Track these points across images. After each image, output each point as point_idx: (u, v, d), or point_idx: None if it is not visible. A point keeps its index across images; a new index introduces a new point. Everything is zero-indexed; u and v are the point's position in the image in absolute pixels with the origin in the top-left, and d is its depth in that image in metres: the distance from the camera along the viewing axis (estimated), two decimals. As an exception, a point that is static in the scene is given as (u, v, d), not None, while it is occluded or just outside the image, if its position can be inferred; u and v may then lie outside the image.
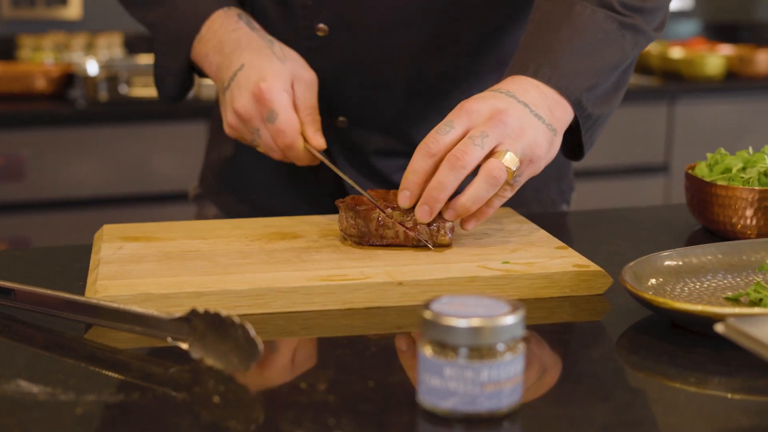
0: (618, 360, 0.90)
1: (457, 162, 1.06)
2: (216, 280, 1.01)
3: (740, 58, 3.42)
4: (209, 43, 1.30)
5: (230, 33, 1.28)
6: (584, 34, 1.21)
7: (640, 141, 3.26)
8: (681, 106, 3.29)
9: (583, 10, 1.22)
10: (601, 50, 1.22)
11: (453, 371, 0.74)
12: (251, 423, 0.76)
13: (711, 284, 1.02)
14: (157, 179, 2.96)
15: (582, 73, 1.18)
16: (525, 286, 1.04)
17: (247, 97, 1.23)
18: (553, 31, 1.20)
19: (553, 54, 1.18)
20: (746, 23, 4.04)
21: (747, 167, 1.24)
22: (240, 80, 1.24)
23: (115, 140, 2.93)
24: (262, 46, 1.27)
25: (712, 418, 0.77)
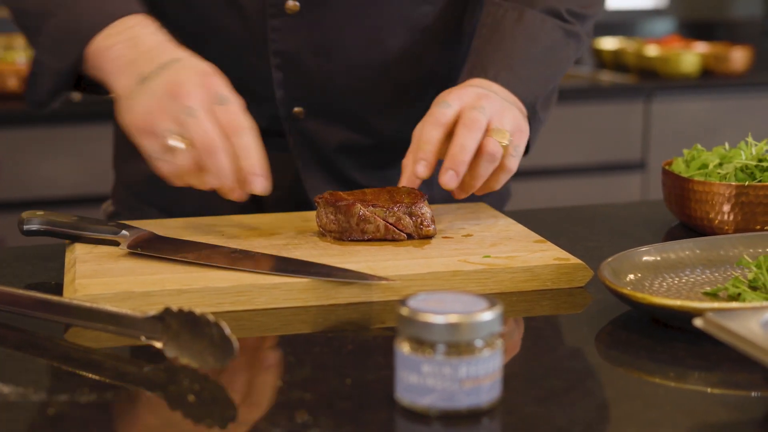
0: (598, 355, 0.90)
1: (474, 124, 1.12)
2: (198, 277, 1.00)
3: (715, 55, 3.43)
4: (119, 36, 1.13)
5: (149, 35, 1.13)
6: (536, 42, 1.27)
7: (617, 138, 3.27)
8: (657, 103, 3.29)
9: (534, 18, 1.27)
10: (550, 58, 1.28)
11: (431, 368, 0.73)
12: (226, 422, 0.75)
13: (689, 279, 1.02)
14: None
15: (536, 80, 1.25)
16: (506, 279, 1.04)
17: (192, 78, 1.06)
18: (509, 38, 1.25)
19: (510, 60, 1.23)
20: (721, 21, 4.05)
21: (724, 163, 1.24)
22: (177, 66, 1.08)
23: (89, 139, 2.91)
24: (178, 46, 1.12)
25: (691, 413, 0.77)
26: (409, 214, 1.11)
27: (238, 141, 1.05)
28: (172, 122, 1.04)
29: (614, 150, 3.27)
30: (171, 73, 1.07)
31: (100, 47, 1.13)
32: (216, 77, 1.08)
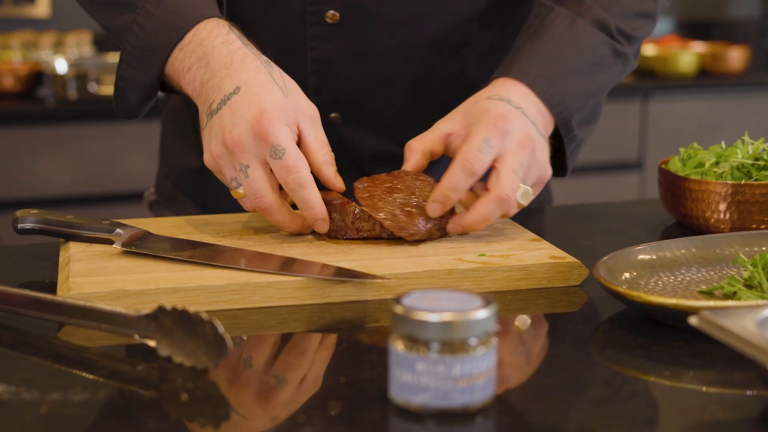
0: (593, 353, 0.89)
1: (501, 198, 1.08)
2: (192, 275, 1.00)
3: (713, 55, 3.43)
4: (193, 54, 1.12)
5: (220, 45, 1.11)
6: (583, 56, 1.21)
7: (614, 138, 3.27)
8: (654, 103, 3.29)
9: (585, 30, 1.22)
10: (594, 74, 1.22)
11: (425, 366, 0.73)
12: (219, 420, 0.74)
13: (685, 278, 1.02)
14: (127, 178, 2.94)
15: (574, 95, 1.19)
16: (502, 278, 1.03)
17: (245, 128, 1.04)
18: (554, 45, 1.20)
19: (552, 69, 1.17)
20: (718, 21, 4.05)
21: (720, 161, 1.24)
22: (234, 107, 1.06)
23: (85, 139, 2.90)
24: (260, 67, 1.09)
25: (686, 411, 0.76)
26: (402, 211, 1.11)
27: (297, 196, 1.07)
28: (234, 173, 1.07)
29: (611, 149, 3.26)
30: (228, 118, 1.06)
31: (176, 69, 1.14)
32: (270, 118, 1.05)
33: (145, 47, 1.15)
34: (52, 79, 3.00)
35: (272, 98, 1.06)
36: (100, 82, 3.02)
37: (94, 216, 1.15)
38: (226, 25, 1.14)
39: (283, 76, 1.10)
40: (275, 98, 1.06)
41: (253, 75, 1.08)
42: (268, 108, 1.05)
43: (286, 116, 1.06)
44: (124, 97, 1.20)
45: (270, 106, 1.05)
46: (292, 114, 1.07)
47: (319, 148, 1.10)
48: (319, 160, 1.10)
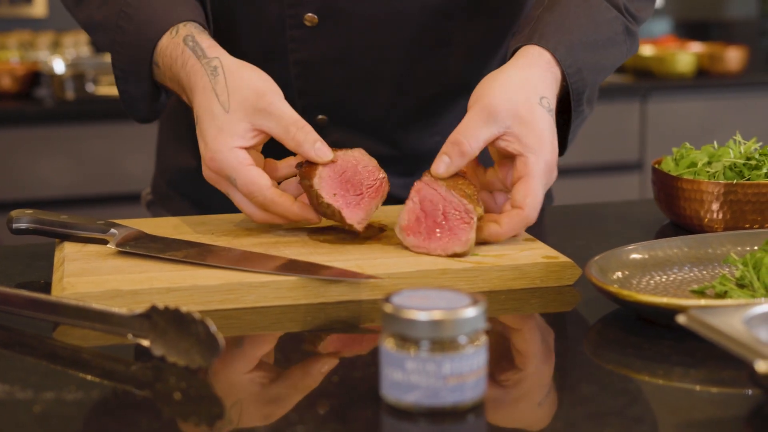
0: (584, 352, 0.90)
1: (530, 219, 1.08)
2: (186, 275, 1.00)
3: (711, 55, 3.44)
4: (168, 79, 1.19)
5: (180, 69, 1.15)
6: (598, 29, 1.20)
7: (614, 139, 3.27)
8: (653, 103, 3.30)
9: (599, 5, 1.21)
10: (608, 49, 1.22)
11: (415, 365, 0.73)
12: (213, 419, 0.75)
13: (677, 277, 1.02)
14: (125, 178, 2.94)
15: (590, 68, 1.18)
16: (495, 277, 1.04)
17: (205, 168, 1.11)
18: (572, 16, 1.18)
19: (572, 38, 1.16)
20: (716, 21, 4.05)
21: (712, 161, 1.24)
22: (198, 140, 1.12)
23: (83, 139, 2.91)
24: (205, 87, 1.11)
25: (676, 410, 0.77)
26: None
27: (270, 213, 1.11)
28: None
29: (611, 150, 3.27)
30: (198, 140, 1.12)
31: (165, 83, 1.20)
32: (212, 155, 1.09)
33: (128, 62, 1.20)
34: (49, 79, 3.00)
35: (212, 128, 1.09)
36: (98, 83, 3.03)
37: (91, 216, 1.15)
38: (181, 40, 1.16)
39: (228, 81, 1.11)
40: (215, 126, 1.09)
41: (200, 99, 1.11)
42: (209, 144, 1.09)
43: (231, 137, 1.08)
44: (132, 106, 1.25)
45: (210, 141, 1.09)
46: (238, 126, 1.09)
47: (285, 134, 1.09)
48: (291, 145, 1.10)
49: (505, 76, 1.11)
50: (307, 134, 1.09)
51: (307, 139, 1.09)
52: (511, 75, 1.11)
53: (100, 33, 1.24)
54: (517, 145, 1.08)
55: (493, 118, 1.08)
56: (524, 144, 1.08)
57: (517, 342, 0.93)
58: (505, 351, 0.90)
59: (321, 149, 1.09)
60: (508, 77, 1.11)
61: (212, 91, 1.10)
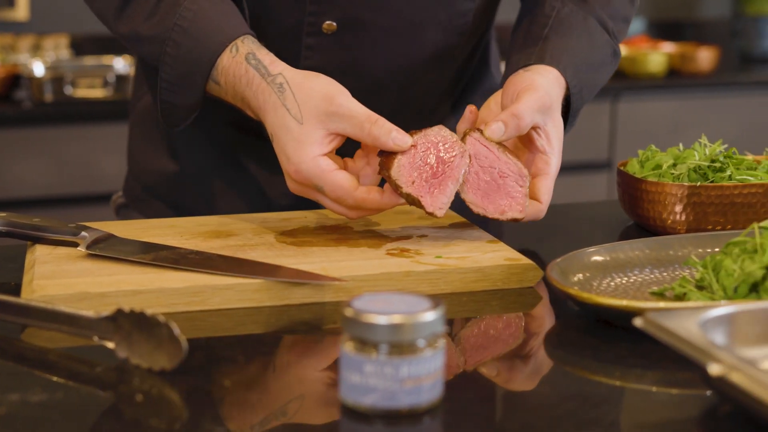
0: (543, 354, 0.91)
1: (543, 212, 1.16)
2: (153, 278, 1.01)
3: (682, 55, 3.46)
4: (231, 97, 1.20)
5: (246, 88, 1.16)
6: (595, 51, 1.28)
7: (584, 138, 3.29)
8: (624, 103, 3.32)
9: (595, 27, 1.29)
10: (601, 70, 1.30)
11: (373, 368, 0.74)
12: (173, 421, 0.76)
13: (638, 279, 1.04)
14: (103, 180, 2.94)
15: (589, 86, 1.27)
16: (457, 280, 1.05)
17: (291, 182, 1.14)
18: (575, 38, 1.26)
19: (576, 59, 1.24)
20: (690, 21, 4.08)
21: (677, 163, 1.26)
22: (278, 157, 1.14)
23: (61, 141, 2.91)
24: (276, 105, 1.13)
25: (630, 412, 0.78)
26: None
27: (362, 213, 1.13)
28: None
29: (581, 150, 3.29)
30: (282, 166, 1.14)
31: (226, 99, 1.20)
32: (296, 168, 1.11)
33: (180, 75, 1.20)
34: (29, 81, 3.00)
35: (291, 143, 1.11)
36: (76, 85, 3.03)
37: (68, 217, 1.16)
38: (243, 58, 1.17)
39: (296, 94, 1.13)
40: (294, 140, 1.11)
41: (272, 118, 1.14)
42: (290, 156, 1.11)
43: (308, 150, 1.11)
44: (170, 115, 1.25)
45: (291, 154, 1.11)
46: (315, 134, 1.11)
47: (361, 132, 1.11)
48: (368, 141, 1.11)
49: (548, 81, 1.19)
50: (382, 127, 1.10)
51: (382, 132, 1.10)
52: (547, 84, 1.19)
53: (146, 45, 1.23)
54: (545, 142, 1.17)
55: (545, 109, 1.16)
56: (551, 144, 1.17)
57: (476, 344, 0.95)
58: (464, 353, 0.91)
59: (398, 138, 1.11)
60: (553, 84, 1.20)
61: (283, 107, 1.13)
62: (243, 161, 1.41)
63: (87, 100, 2.99)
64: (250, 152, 1.40)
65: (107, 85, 2.97)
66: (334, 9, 1.29)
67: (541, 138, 1.16)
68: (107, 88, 2.97)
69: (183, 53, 1.19)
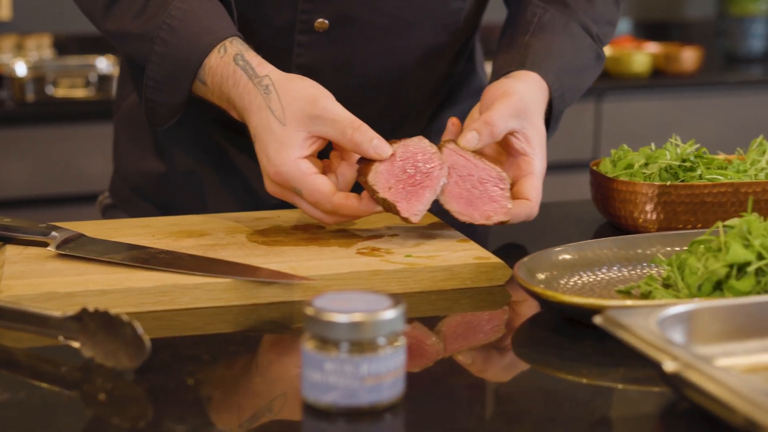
0: (507, 352, 0.92)
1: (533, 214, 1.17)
2: (122, 277, 1.01)
3: (666, 55, 3.47)
4: (217, 97, 1.20)
5: (232, 89, 1.17)
6: (578, 55, 1.30)
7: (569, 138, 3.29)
8: (608, 103, 3.33)
9: (577, 32, 1.31)
10: (584, 73, 1.32)
11: (333, 366, 0.75)
12: (135, 420, 0.76)
13: (605, 278, 1.04)
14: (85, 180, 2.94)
15: (571, 90, 1.29)
16: (426, 278, 1.05)
17: (269, 183, 1.14)
18: (556, 43, 1.28)
19: (557, 63, 1.26)
20: (675, 21, 4.09)
21: (649, 163, 1.26)
22: (259, 159, 1.15)
23: (43, 141, 2.90)
24: (261, 106, 1.13)
25: (590, 408, 0.78)
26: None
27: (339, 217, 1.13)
28: None
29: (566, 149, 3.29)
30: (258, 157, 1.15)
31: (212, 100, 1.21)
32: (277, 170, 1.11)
33: (167, 74, 1.21)
34: (10, 81, 2.99)
35: (273, 145, 1.12)
36: (57, 85, 3.03)
37: (49, 219, 1.16)
38: (231, 59, 1.17)
39: (281, 96, 1.13)
40: (276, 142, 1.12)
41: (256, 118, 1.14)
42: (271, 158, 1.12)
43: (291, 148, 1.11)
44: (154, 114, 1.25)
45: (273, 155, 1.12)
46: (296, 137, 1.11)
47: (342, 137, 1.11)
48: (349, 147, 1.12)
49: (527, 86, 1.21)
50: (364, 134, 1.11)
51: (364, 139, 1.11)
52: (530, 89, 1.21)
53: (134, 43, 1.23)
54: (526, 145, 1.18)
55: (520, 114, 1.17)
56: (532, 146, 1.18)
57: (442, 342, 0.95)
58: (430, 351, 0.92)
59: (379, 146, 1.11)
60: (529, 89, 1.21)
61: (267, 109, 1.13)
62: (231, 160, 1.42)
63: (69, 99, 2.99)
64: (238, 151, 1.41)
65: (89, 85, 2.97)
66: (326, 7, 1.29)
67: (520, 141, 1.18)
68: (89, 88, 2.97)
69: (171, 52, 1.19)
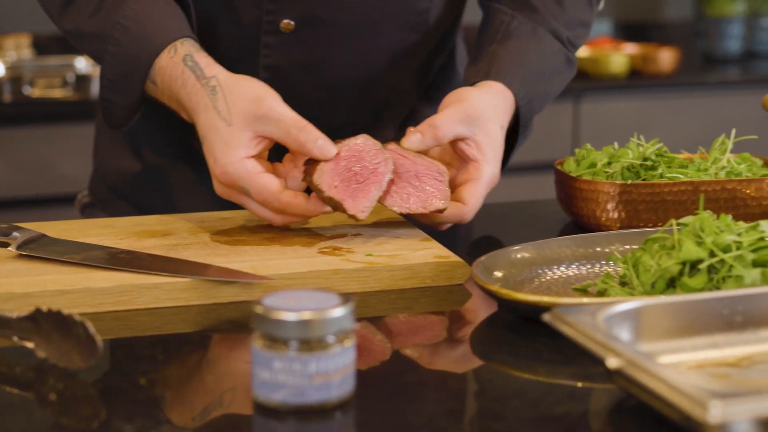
0: (460, 350, 0.92)
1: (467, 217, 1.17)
2: (81, 278, 1.01)
3: (644, 56, 3.47)
4: (166, 97, 1.21)
5: (180, 89, 1.17)
6: (545, 61, 1.31)
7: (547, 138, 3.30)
8: (586, 103, 3.33)
9: (545, 37, 1.31)
10: (553, 79, 1.33)
11: (282, 364, 0.75)
12: (85, 420, 0.76)
13: (563, 276, 1.05)
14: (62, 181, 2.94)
15: (538, 98, 1.30)
16: (386, 277, 1.06)
17: (217, 184, 1.15)
18: (522, 50, 1.29)
19: (524, 71, 1.27)
20: (654, 22, 4.10)
21: (612, 162, 1.27)
22: (206, 160, 1.15)
23: (19, 142, 2.90)
24: (208, 106, 1.14)
25: (538, 406, 0.79)
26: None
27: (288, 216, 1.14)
28: None
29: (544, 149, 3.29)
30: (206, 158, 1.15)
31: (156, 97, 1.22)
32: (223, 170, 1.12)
33: (121, 74, 1.22)
34: (-13, 82, 2.99)
35: (219, 144, 1.12)
36: (34, 85, 3.02)
37: (25, 220, 1.16)
38: (180, 60, 1.18)
39: (227, 96, 1.14)
40: (221, 141, 1.12)
41: (203, 119, 1.15)
42: (217, 158, 1.12)
43: (237, 148, 1.11)
44: (111, 113, 1.26)
45: (218, 155, 1.12)
46: (242, 137, 1.12)
47: (287, 136, 1.11)
48: (294, 147, 1.12)
49: (484, 94, 1.22)
50: (309, 134, 1.11)
51: (308, 139, 1.11)
52: (487, 97, 1.22)
53: (89, 42, 1.25)
54: (476, 152, 1.19)
55: (470, 121, 1.18)
56: (483, 153, 1.19)
57: (397, 340, 0.95)
58: (384, 349, 0.92)
59: (323, 146, 1.11)
60: (486, 97, 1.22)
61: (214, 109, 1.14)
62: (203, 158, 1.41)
63: (46, 100, 2.98)
64: None
65: (66, 85, 2.96)
66: (292, 7, 1.30)
67: (471, 148, 1.19)
68: (66, 88, 2.96)
69: (123, 51, 1.21)
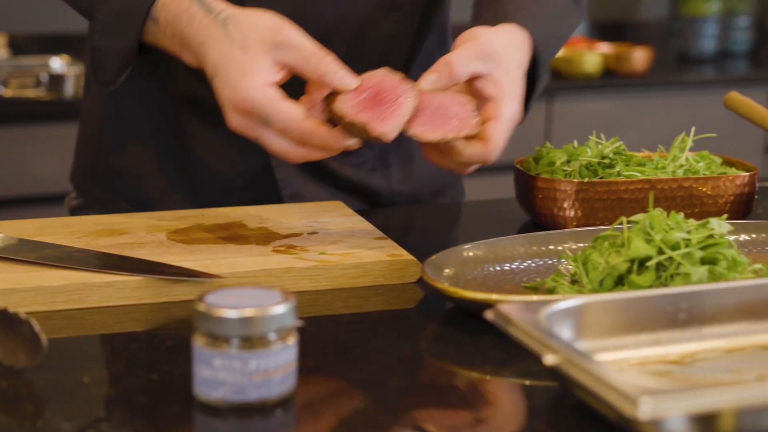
0: (406, 347, 0.92)
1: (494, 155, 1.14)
2: (33, 276, 1.01)
3: (617, 55, 3.48)
4: (169, 36, 1.15)
5: (186, 26, 1.12)
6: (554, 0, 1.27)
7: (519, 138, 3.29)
8: (559, 103, 3.34)
9: None
10: (563, 18, 1.29)
11: (222, 362, 0.75)
12: (25, 418, 0.76)
13: (515, 274, 1.05)
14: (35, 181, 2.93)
15: (555, 36, 1.26)
16: (339, 275, 1.06)
17: (234, 116, 1.09)
18: None
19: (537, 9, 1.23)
20: (629, 22, 4.11)
21: (571, 160, 1.27)
22: (219, 94, 1.10)
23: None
24: (220, 38, 1.10)
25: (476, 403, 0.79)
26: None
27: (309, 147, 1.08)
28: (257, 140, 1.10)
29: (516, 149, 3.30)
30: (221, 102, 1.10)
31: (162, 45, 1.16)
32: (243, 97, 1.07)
33: (118, 13, 1.16)
34: (-40, 82, 2.98)
35: (237, 72, 1.07)
36: (8, 85, 3.01)
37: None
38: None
39: (242, 26, 1.09)
40: (239, 69, 1.07)
41: (215, 51, 1.09)
42: (236, 85, 1.07)
43: (255, 76, 1.07)
44: (101, 67, 1.21)
45: (238, 82, 1.07)
46: (262, 62, 1.08)
47: (307, 65, 1.08)
48: (314, 77, 1.09)
49: (498, 31, 1.17)
50: (329, 65, 1.08)
51: (329, 70, 1.07)
52: (501, 34, 1.17)
53: None
54: (495, 89, 1.13)
55: (485, 57, 1.13)
56: (502, 90, 1.13)
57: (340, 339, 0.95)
58: (330, 347, 0.92)
59: (344, 78, 1.08)
60: (501, 34, 1.17)
61: (227, 39, 1.09)
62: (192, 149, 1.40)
63: (19, 99, 2.98)
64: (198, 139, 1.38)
65: (40, 85, 2.96)
66: None
67: (489, 85, 1.13)
68: (40, 88, 2.96)
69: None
